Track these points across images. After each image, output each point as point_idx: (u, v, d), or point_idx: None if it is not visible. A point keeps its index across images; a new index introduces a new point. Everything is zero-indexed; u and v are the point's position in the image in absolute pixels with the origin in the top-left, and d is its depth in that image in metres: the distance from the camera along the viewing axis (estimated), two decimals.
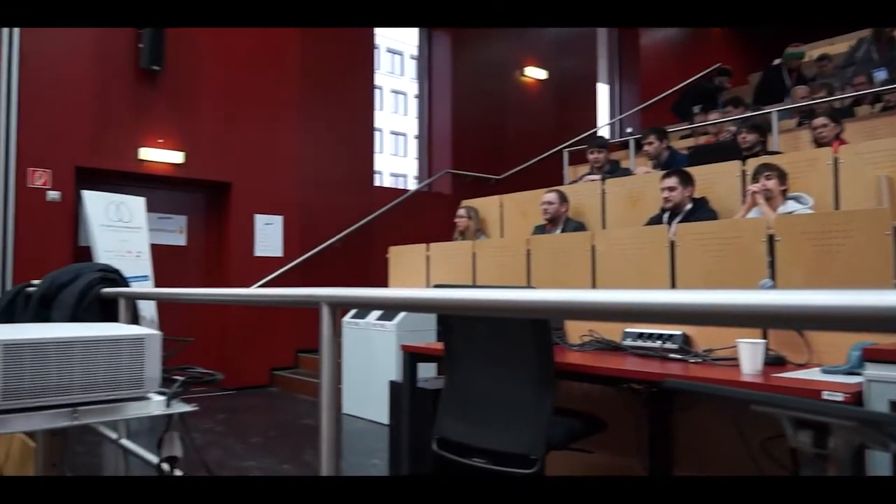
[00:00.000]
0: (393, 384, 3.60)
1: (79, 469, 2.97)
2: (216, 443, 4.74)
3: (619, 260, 4.12)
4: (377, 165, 8.67)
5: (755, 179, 4.12)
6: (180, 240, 7.03)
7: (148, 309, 5.44)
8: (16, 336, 1.42)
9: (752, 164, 4.40)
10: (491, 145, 9.16)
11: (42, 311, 2.84)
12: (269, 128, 7.28)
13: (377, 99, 8.48)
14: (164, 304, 5.71)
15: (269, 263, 7.14)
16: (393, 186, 18.21)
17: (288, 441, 4.94)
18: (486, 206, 6.15)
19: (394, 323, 5.28)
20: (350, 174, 7.86)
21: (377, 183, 8.90)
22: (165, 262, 6.38)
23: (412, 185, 10.47)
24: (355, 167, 7.97)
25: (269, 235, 7.21)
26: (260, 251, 7.15)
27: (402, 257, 5.84)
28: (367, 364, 5.25)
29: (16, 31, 5.83)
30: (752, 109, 7.02)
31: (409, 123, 36.74)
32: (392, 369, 4.97)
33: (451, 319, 2.55)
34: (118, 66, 6.38)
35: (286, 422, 5.66)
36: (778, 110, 6.13)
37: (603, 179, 5.45)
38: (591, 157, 6.04)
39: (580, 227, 5.08)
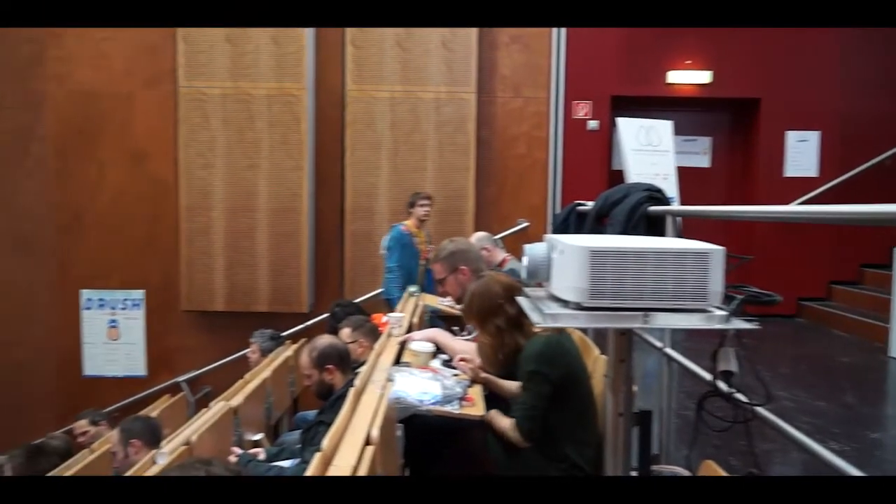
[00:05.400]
0: None
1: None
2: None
3: None
4: None
5: None
6: (704, 161, 7.02)
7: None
8: (600, 244, 1.61)
9: None
10: None
11: (597, 226, 3.23)
12: (805, 31, 6.50)
13: None
14: (686, 225, 5.81)
15: (800, 185, 6.53)
16: None
17: (821, 377, 4.58)
18: None
19: None
20: None
21: None
22: (687, 184, 6.46)
23: None
24: None
25: (802, 153, 6.57)
26: (791, 171, 6.59)
27: None
28: None
29: None
30: None
31: None
32: None
33: None
34: None
35: (817, 356, 5.25)
36: None
37: None
38: None
39: None
